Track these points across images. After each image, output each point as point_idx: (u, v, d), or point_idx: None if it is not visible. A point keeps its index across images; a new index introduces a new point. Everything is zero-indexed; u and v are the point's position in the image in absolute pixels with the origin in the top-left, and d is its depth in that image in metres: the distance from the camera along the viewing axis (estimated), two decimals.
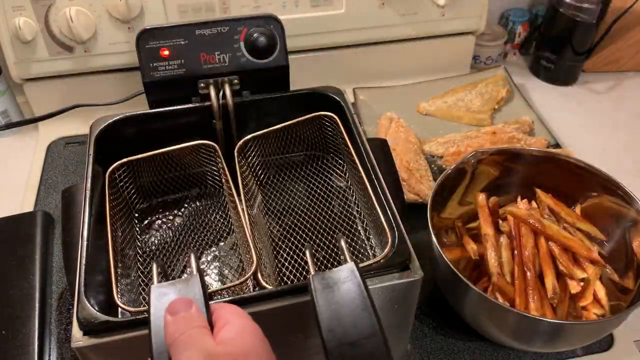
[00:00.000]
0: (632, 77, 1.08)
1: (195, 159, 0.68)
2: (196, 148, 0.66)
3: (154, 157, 0.64)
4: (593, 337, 0.60)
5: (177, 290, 0.42)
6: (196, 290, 0.42)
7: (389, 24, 0.95)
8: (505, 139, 0.86)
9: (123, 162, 0.63)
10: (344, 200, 0.71)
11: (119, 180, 0.64)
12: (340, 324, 0.42)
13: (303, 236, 0.66)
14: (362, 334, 0.41)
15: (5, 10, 0.81)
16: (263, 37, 0.70)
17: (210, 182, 0.72)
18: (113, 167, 0.62)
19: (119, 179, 0.64)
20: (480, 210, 0.68)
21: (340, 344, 0.41)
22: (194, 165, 0.69)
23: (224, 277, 0.64)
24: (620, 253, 0.65)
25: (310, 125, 0.70)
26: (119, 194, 0.64)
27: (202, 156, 0.68)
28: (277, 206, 0.71)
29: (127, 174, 0.65)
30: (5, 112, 0.93)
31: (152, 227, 0.69)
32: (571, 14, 0.98)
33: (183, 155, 0.67)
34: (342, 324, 0.42)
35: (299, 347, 0.54)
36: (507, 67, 1.05)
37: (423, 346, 0.64)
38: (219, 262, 0.65)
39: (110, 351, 0.47)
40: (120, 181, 0.64)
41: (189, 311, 0.39)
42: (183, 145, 0.64)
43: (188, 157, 0.68)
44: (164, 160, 0.66)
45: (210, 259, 0.66)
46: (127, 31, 0.86)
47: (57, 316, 0.67)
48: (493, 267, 0.62)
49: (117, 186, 0.64)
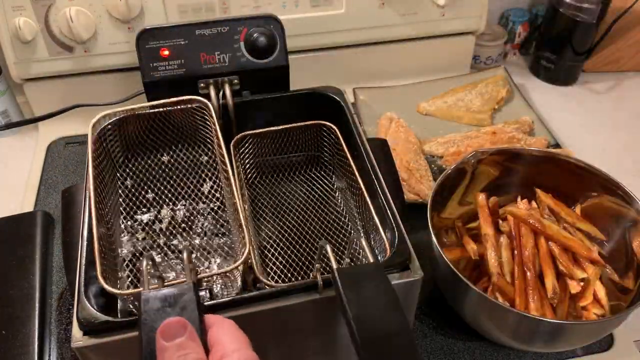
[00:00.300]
0: (632, 77, 1.08)
1: (186, 121, 0.65)
2: (187, 102, 0.62)
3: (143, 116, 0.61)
4: (593, 337, 0.60)
5: (168, 299, 0.41)
6: (190, 304, 0.41)
7: (389, 24, 0.95)
8: (505, 139, 0.86)
9: (107, 113, 0.59)
10: (344, 200, 0.71)
11: (104, 139, 0.61)
12: (370, 318, 0.42)
13: (295, 237, 0.66)
14: (392, 330, 0.42)
15: (5, 10, 0.81)
16: (263, 37, 0.70)
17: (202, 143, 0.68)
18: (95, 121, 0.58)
19: (104, 137, 0.61)
20: (480, 210, 0.68)
21: (371, 337, 0.41)
22: (186, 127, 0.66)
23: (215, 257, 0.62)
24: (620, 253, 0.65)
25: (309, 130, 0.70)
26: (103, 153, 0.61)
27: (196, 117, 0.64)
28: (268, 206, 0.71)
29: (113, 133, 0.61)
30: (5, 112, 0.93)
31: (138, 194, 0.66)
32: (571, 14, 0.98)
33: (173, 115, 0.64)
34: (372, 318, 0.42)
35: (299, 347, 0.54)
36: (507, 67, 1.05)
37: (423, 346, 0.64)
38: (210, 239, 0.63)
39: (110, 351, 0.47)
40: (105, 140, 0.61)
41: (184, 338, 0.38)
42: (172, 99, 0.61)
43: (178, 117, 0.64)
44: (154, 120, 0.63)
45: (200, 233, 0.64)
46: (127, 31, 0.86)
47: (57, 316, 0.67)
48: (493, 267, 0.62)
49: (102, 146, 0.61)
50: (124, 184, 0.66)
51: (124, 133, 0.64)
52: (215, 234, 0.63)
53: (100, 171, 0.58)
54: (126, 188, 0.65)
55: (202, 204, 0.66)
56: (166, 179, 0.67)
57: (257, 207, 0.70)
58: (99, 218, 0.52)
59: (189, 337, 0.38)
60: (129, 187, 0.65)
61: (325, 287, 0.48)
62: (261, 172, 0.74)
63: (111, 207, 0.60)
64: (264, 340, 0.52)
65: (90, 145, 0.57)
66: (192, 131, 0.66)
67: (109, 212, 0.59)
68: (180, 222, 0.64)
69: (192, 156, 0.68)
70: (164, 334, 0.38)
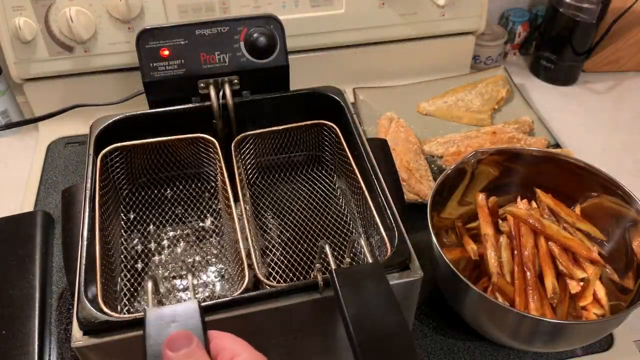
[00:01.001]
0: (632, 77, 1.08)
1: (192, 154, 0.67)
2: (194, 141, 0.65)
3: (149, 146, 0.63)
4: (593, 337, 0.60)
5: (174, 315, 0.41)
6: (194, 321, 0.41)
7: (389, 24, 0.95)
8: (505, 139, 0.86)
9: (116, 146, 0.62)
10: (345, 200, 0.71)
11: (109, 165, 0.63)
12: (368, 319, 0.42)
13: (296, 237, 0.66)
14: (391, 330, 0.41)
15: (5, 10, 0.81)
16: (263, 37, 0.70)
17: (205, 179, 0.71)
18: (105, 151, 0.61)
19: (110, 164, 0.62)
20: (480, 210, 0.68)
21: (369, 338, 0.41)
22: (191, 160, 0.69)
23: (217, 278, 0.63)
24: (620, 253, 0.65)
25: (309, 130, 0.70)
26: (108, 180, 0.63)
27: (200, 152, 0.67)
28: (269, 206, 0.71)
29: (120, 161, 0.64)
30: (5, 112, 0.93)
31: (142, 221, 0.68)
32: (571, 14, 0.98)
33: (180, 148, 0.66)
34: (370, 319, 0.42)
35: (299, 347, 0.54)
36: (507, 67, 1.05)
37: (423, 346, 0.64)
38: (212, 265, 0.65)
39: (110, 351, 0.47)
40: (111, 167, 0.63)
41: (191, 347, 0.38)
42: (181, 136, 0.64)
43: (185, 150, 0.67)
44: (159, 151, 0.66)
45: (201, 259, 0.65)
46: (127, 31, 0.86)
47: (57, 316, 0.67)
48: (493, 267, 0.62)
49: (107, 172, 0.62)
50: (127, 216, 0.68)
51: (130, 164, 0.66)
52: (213, 263, 0.65)
53: (105, 201, 0.60)
54: (128, 220, 0.68)
55: (203, 239, 0.67)
56: (168, 213, 0.69)
57: (258, 206, 0.71)
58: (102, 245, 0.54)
59: (196, 346, 0.38)
60: (131, 219, 0.68)
61: (325, 287, 0.48)
62: (262, 172, 0.74)
63: (113, 234, 0.62)
64: (264, 340, 0.52)
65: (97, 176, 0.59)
66: (197, 167, 0.70)
67: (111, 239, 0.60)
68: (179, 256, 0.65)
69: (194, 192, 0.71)
70: (170, 346, 0.38)
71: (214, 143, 0.65)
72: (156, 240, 0.66)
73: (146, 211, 0.69)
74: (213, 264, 0.64)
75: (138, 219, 0.68)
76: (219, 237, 0.67)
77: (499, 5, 1.11)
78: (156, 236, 0.67)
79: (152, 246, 0.66)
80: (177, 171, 0.70)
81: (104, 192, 0.60)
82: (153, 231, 0.67)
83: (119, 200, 0.68)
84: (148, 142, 0.64)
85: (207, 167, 0.69)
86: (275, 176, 0.74)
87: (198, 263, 0.64)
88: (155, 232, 0.67)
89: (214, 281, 0.63)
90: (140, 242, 0.66)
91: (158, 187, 0.71)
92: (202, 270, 0.64)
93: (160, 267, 0.64)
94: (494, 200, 0.70)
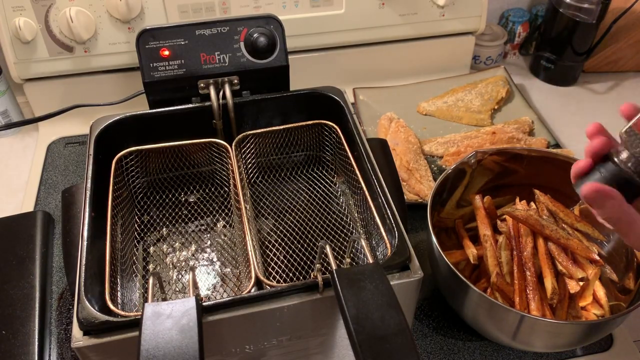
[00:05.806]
0: (632, 77, 1.08)
1: (205, 158, 0.69)
2: (207, 145, 0.67)
3: (163, 150, 0.65)
4: (593, 337, 0.60)
5: (171, 310, 0.42)
6: (191, 314, 0.42)
7: (389, 24, 0.95)
8: (505, 139, 0.86)
9: (131, 150, 0.64)
10: (345, 201, 0.71)
11: (125, 169, 0.64)
12: (369, 318, 0.42)
13: (296, 237, 0.67)
14: (391, 330, 0.42)
15: (5, 10, 0.81)
16: (263, 37, 0.70)
17: (218, 182, 0.72)
18: (120, 155, 0.63)
19: (124, 167, 0.64)
20: (477, 211, 0.68)
21: (369, 338, 0.41)
22: (203, 163, 0.70)
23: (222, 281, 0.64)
24: (620, 253, 0.65)
25: (310, 130, 0.70)
26: (123, 183, 0.64)
27: (213, 156, 0.68)
28: (269, 205, 0.71)
29: (135, 164, 0.65)
30: (5, 112, 0.93)
31: (153, 223, 0.69)
32: (571, 14, 0.98)
33: (193, 152, 0.68)
34: (370, 318, 0.42)
35: (299, 347, 0.54)
36: (507, 67, 1.05)
37: (423, 346, 0.64)
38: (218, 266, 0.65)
39: (110, 351, 0.47)
40: (125, 170, 0.64)
41: None
42: (195, 141, 0.66)
43: (198, 155, 0.69)
44: (172, 155, 0.67)
45: (207, 261, 0.65)
46: (127, 31, 0.86)
47: (57, 316, 0.67)
48: (492, 268, 0.62)
49: (122, 176, 0.64)
50: (141, 219, 0.69)
51: (144, 167, 0.68)
52: (222, 263, 0.65)
53: (119, 202, 0.62)
54: (142, 223, 0.69)
55: (213, 240, 0.68)
56: (181, 217, 0.70)
57: (259, 206, 0.71)
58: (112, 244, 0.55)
59: None
60: (144, 222, 0.69)
61: (325, 287, 0.48)
62: (263, 172, 0.74)
63: (126, 236, 0.63)
64: (264, 340, 0.52)
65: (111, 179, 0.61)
66: (210, 172, 0.72)
67: (123, 240, 0.62)
68: (190, 256, 0.66)
69: (206, 194, 0.73)
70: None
71: (226, 147, 0.65)
72: (168, 243, 0.67)
73: (159, 213, 0.70)
74: (222, 263, 0.65)
75: (152, 221, 0.69)
76: (229, 238, 0.68)
77: (499, 5, 1.11)
78: (168, 238, 0.68)
79: (164, 247, 0.67)
80: (189, 171, 0.71)
81: (117, 194, 0.61)
82: (166, 233, 0.68)
83: (133, 202, 0.69)
84: (162, 147, 0.65)
85: (219, 170, 0.70)
86: (275, 176, 0.74)
87: (206, 261, 0.65)
88: (167, 234, 0.68)
89: (221, 281, 0.63)
90: (152, 243, 0.67)
91: (172, 189, 0.72)
92: (209, 271, 0.64)
93: (170, 268, 0.64)
94: (489, 200, 0.70)
